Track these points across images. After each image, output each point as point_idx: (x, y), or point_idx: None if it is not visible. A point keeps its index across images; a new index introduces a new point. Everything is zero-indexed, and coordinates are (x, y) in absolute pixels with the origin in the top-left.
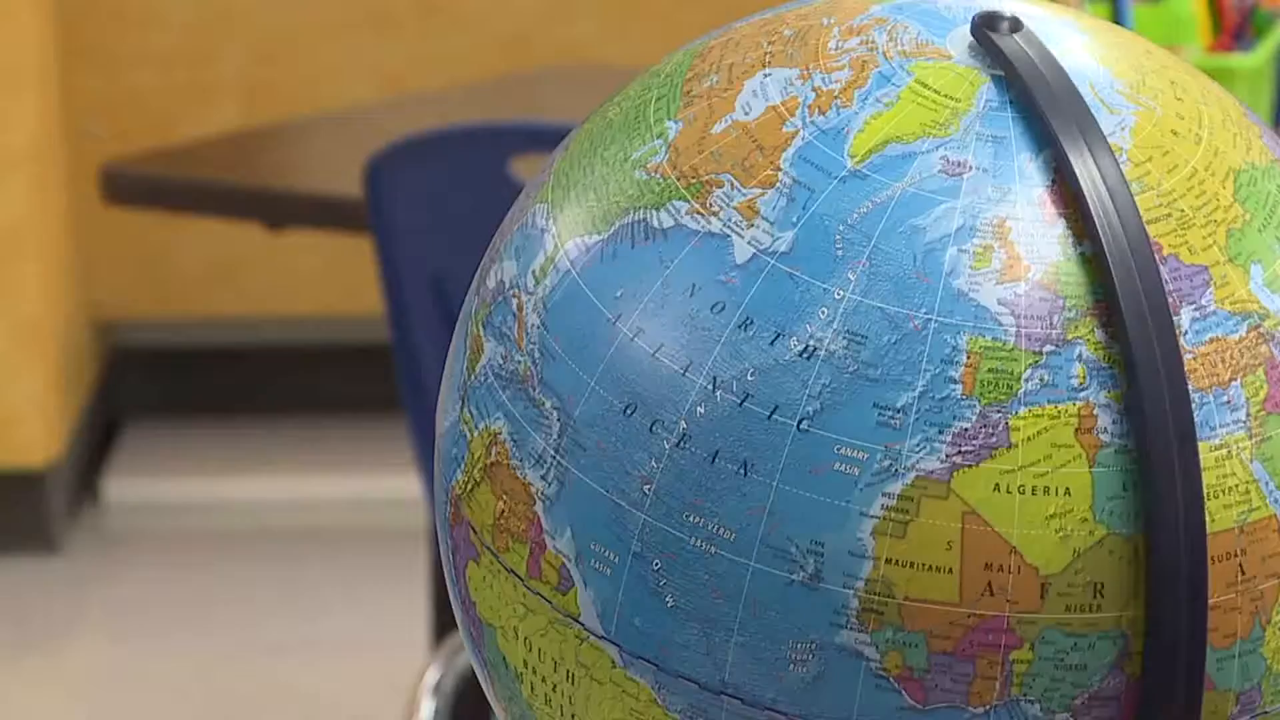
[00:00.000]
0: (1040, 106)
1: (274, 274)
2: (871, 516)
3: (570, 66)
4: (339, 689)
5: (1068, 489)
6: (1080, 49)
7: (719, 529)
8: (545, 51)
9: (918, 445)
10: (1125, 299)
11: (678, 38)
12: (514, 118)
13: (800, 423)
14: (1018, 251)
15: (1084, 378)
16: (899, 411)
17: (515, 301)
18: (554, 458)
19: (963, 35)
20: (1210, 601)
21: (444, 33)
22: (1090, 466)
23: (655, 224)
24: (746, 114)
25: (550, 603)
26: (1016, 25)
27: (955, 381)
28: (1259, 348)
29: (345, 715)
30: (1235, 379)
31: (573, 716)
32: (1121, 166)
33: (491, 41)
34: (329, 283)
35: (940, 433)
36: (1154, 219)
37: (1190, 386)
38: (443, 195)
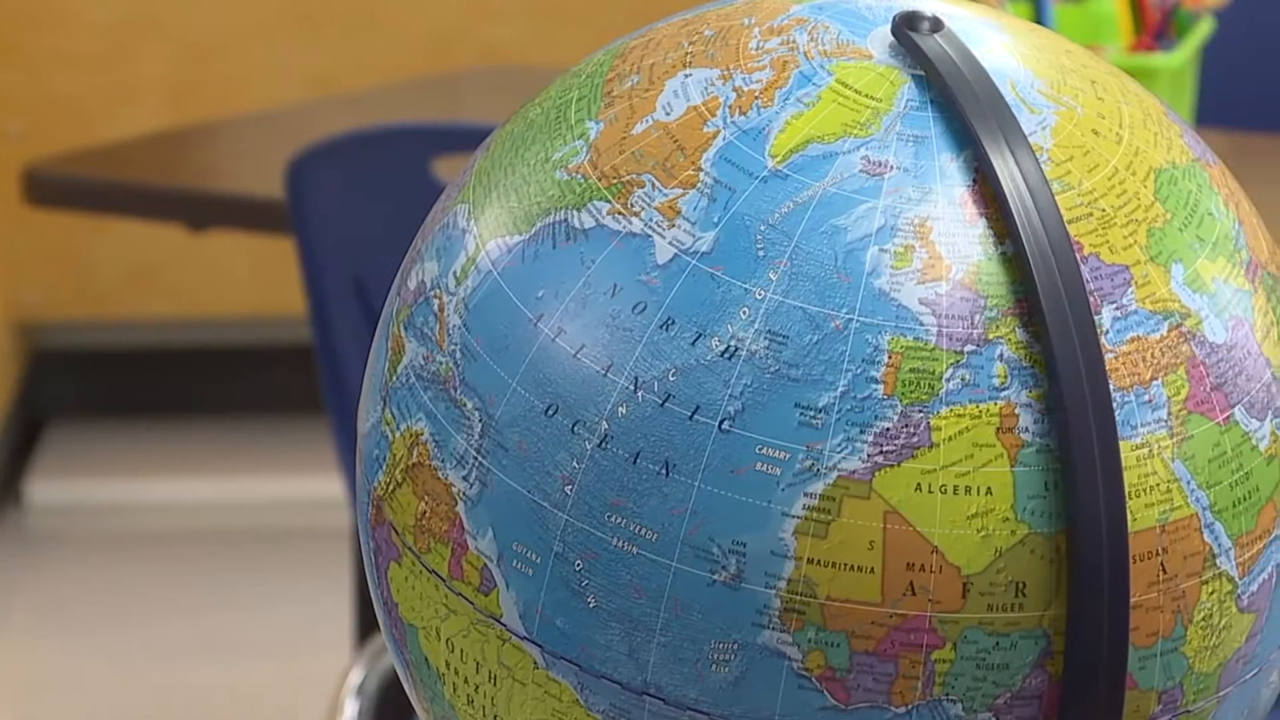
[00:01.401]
0: (961, 106)
1: (196, 275)
2: (793, 516)
3: (493, 68)
4: (262, 690)
5: (989, 488)
6: (1001, 49)
7: (641, 529)
8: (469, 53)
9: (839, 445)
10: (1046, 298)
11: (602, 40)
12: (437, 119)
13: (722, 423)
14: (939, 251)
15: (1005, 377)
16: (820, 411)
17: (436, 302)
18: (475, 458)
19: (883, 35)
20: (1132, 600)
21: (368, 34)
22: (1012, 466)
23: (576, 224)
24: (667, 114)
25: (472, 603)
26: (937, 25)
27: (877, 381)
28: (1180, 347)
29: (269, 716)
30: (1156, 378)
31: (495, 717)
32: (1042, 166)
33: (415, 43)
34: (251, 284)
35: (862, 432)
36: (1075, 218)
37: (1111, 385)
38: (364, 196)
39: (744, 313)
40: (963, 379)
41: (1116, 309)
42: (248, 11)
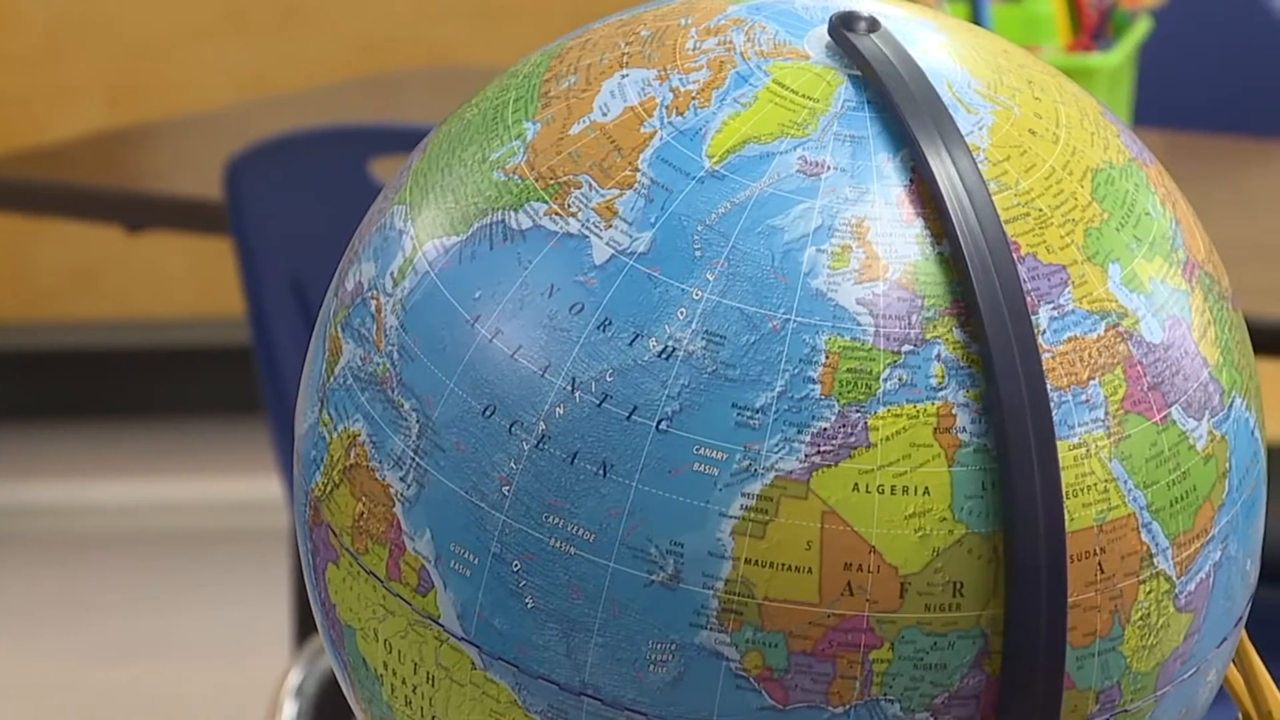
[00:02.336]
0: (898, 106)
1: (135, 276)
2: (731, 517)
3: (432, 68)
4: (201, 691)
5: (927, 488)
6: (938, 48)
7: (578, 530)
8: (409, 54)
9: (777, 445)
10: (983, 298)
11: (541, 40)
12: (375, 119)
13: (659, 423)
14: (876, 251)
15: (942, 377)
16: (758, 412)
17: (374, 303)
18: (413, 459)
19: (820, 35)
20: (1069, 600)
21: (307, 35)
22: (949, 465)
23: (514, 225)
24: (604, 115)
25: (410, 604)
26: (874, 25)
27: (814, 381)
28: (1117, 346)
29: (208, 717)
30: (1094, 378)
31: (433, 718)
32: (979, 166)
33: (355, 44)
34: (190, 285)
35: (799, 433)
36: (1012, 218)
37: (1049, 385)
38: (303, 197)
39: (681, 313)
40: (900, 379)
41: (1054, 309)
42: (187, 12)
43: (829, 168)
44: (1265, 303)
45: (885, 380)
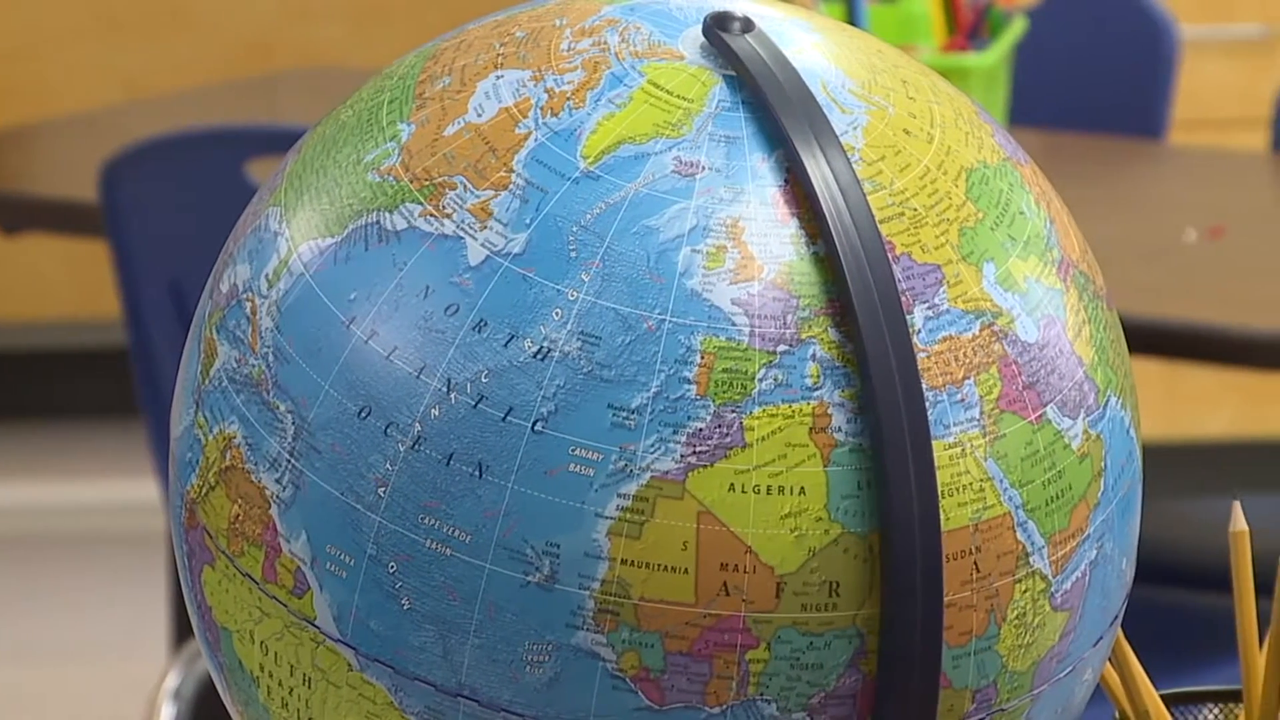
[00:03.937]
0: (772, 106)
1: (11, 279)
2: (607, 517)
3: (309, 69)
4: (79, 694)
5: (802, 488)
6: (812, 49)
7: (454, 531)
8: (287, 56)
9: (652, 446)
10: (858, 298)
11: (419, 41)
12: (251, 121)
13: (535, 424)
14: (751, 251)
15: (818, 377)
16: (633, 412)
17: (249, 305)
18: (289, 461)
19: (695, 36)
20: (945, 599)
21: (184, 37)
22: (825, 465)
23: (388, 226)
24: (479, 116)
25: (286, 606)
26: (748, 25)
27: (689, 382)
28: (992, 346)
29: None
30: (969, 377)
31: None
32: (854, 166)
33: (232, 46)
34: (67, 287)
35: (675, 433)
36: (886, 218)
37: (924, 385)
38: (179, 199)
39: (556, 314)
40: (775, 379)
41: (928, 308)
42: (61, 14)
43: (704, 168)
44: (1140, 302)
45: (760, 380)
